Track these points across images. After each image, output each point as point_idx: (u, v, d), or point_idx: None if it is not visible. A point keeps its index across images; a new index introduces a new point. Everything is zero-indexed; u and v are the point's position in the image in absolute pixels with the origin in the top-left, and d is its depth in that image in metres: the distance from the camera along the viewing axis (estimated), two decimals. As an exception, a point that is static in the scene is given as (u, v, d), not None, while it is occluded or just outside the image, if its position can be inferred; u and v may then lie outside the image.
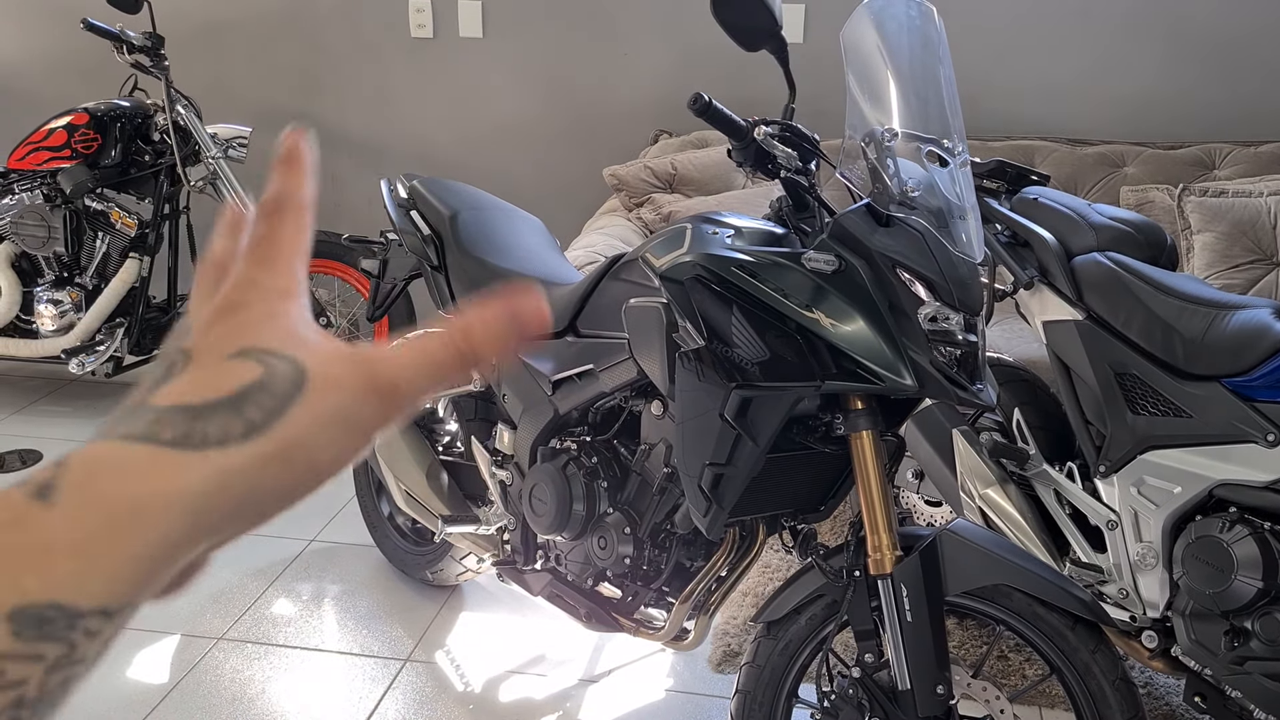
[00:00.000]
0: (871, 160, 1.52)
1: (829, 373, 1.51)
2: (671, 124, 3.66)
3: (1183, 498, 1.85)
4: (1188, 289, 1.95)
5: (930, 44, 1.63)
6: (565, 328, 1.98)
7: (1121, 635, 1.97)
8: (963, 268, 1.51)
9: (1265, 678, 1.73)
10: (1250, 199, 2.97)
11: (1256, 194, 2.98)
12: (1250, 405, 1.78)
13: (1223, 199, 2.99)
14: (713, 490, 1.63)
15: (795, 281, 1.53)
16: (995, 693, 1.59)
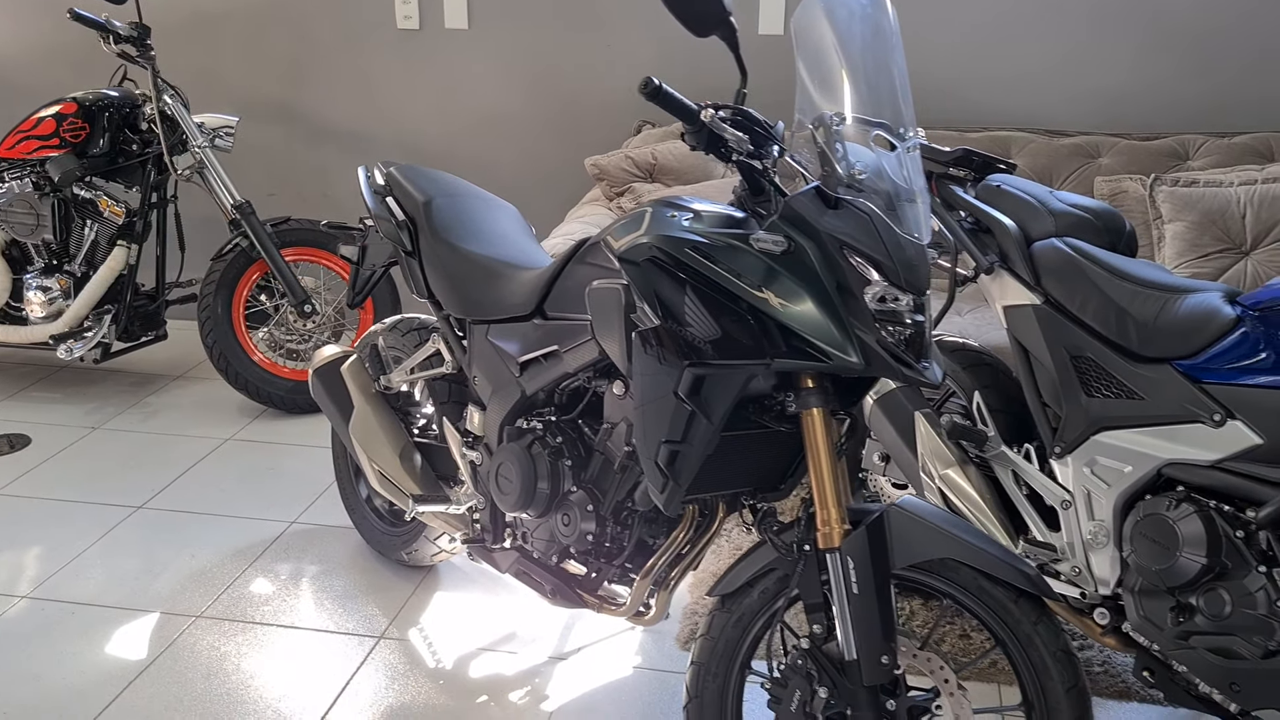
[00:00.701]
0: (820, 144, 1.56)
1: (779, 351, 1.55)
2: (654, 114, 3.70)
3: (1133, 477, 1.89)
4: (1143, 274, 1.99)
5: (881, 32, 1.66)
6: (533, 311, 2.02)
7: (1075, 612, 2.01)
8: (909, 249, 1.55)
9: (1209, 652, 1.77)
10: (1221, 189, 3.00)
11: (1227, 184, 3.02)
12: (1198, 387, 1.81)
13: (1193, 189, 3.02)
14: (669, 467, 1.67)
15: (747, 262, 1.56)
16: (940, 663, 1.63)
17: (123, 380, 3.81)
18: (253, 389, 3.48)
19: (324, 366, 2.45)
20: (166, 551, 2.66)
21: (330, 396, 2.42)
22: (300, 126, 4.08)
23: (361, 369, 2.41)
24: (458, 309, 2.17)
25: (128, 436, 3.35)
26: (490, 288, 2.13)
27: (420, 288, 2.26)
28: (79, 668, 2.21)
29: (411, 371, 2.34)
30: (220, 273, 3.44)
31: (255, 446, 3.30)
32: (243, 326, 3.50)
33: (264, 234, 3.39)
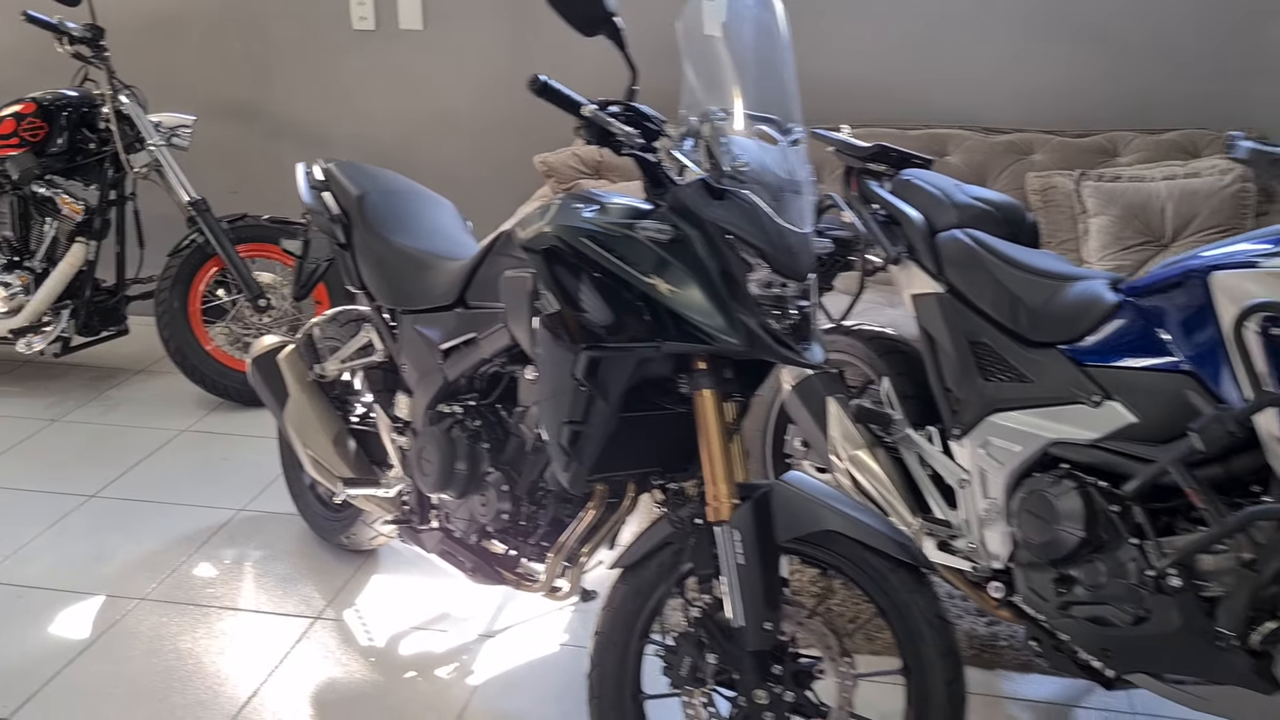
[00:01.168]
0: (705, 138, 1.65)
1: (668, 334, 1.64)
2: (604, 113, 3.78)
3: (1021, 456, 1.98)
4: (1036, 263, 2.08)
5: (768, 32, 1.75)
6: (456, 300, 2.11)
7: (972, 586, 2.10)
8: (791, 238, 1.64)
9: (1086, 620, 1.86)
10: (1144, 184, 3.10)
11: (1150, 179, 3.12)
12: (1081, 369, 1.90)
13: (1117, 184, 3.12)
14: (572, 446, 1.76)
15: (638, 251, 1.65)
16: (826, 630, 1.72)
17: (83, 374, 3.88)
18: (209, 382, 3.56)
19: (262, 356, 2.53)
20: (116, 538, 2.74)
21: (267, 385, 2.50)
22: (260, 125, 4.15)
23: (298, 358, 2.49)
24: (388, 299, 2.26)
25: (86, 429, 3.43)
26: (418, 279, 2.21)
27: (353, 279, 2.35)
28: (23, 647, 2.29)
29: (345, 360, 2.42)
30: (177, 268, 3.52)
31: (210, 438, 3.37)
32: (199, 321, 3.58)
33: (219, 230, 3.47)
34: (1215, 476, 1.69)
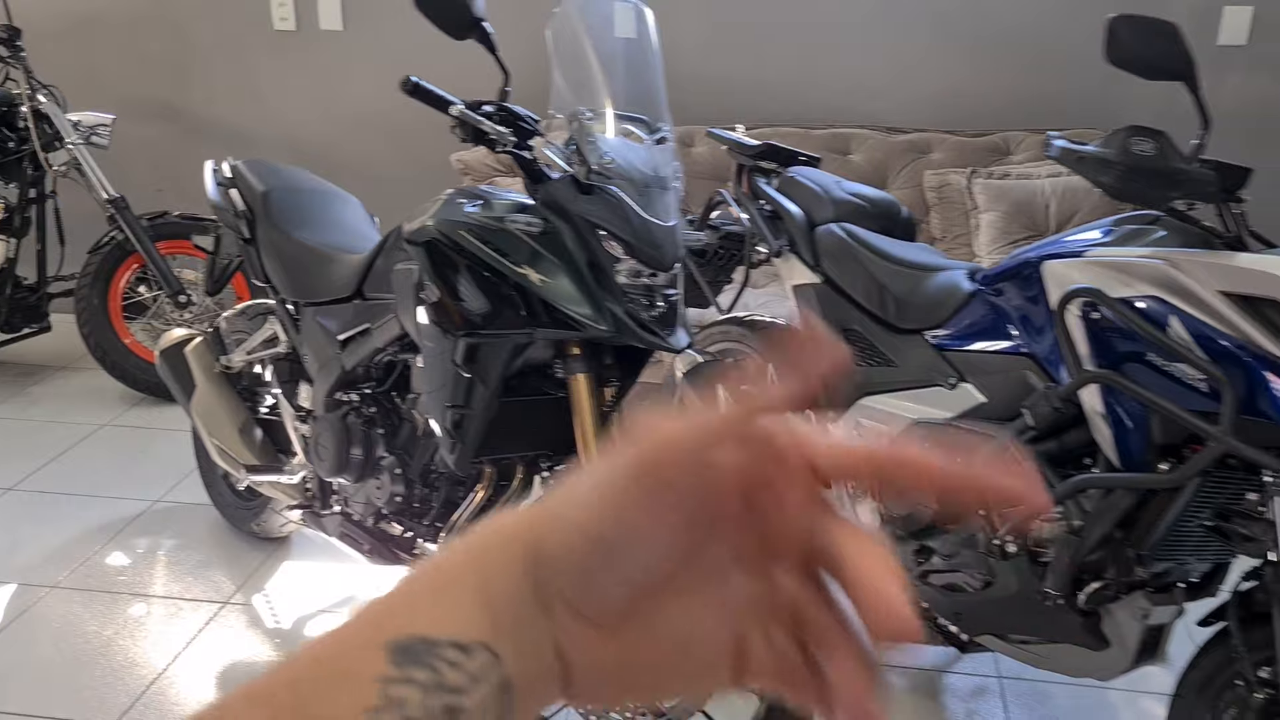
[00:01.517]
0: (574, 136, 1.75)
1: (541, 322, 1.74)
2: (523, 113, 3.88)
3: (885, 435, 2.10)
4: (905, 255, 2.21)
5: (638, 39, 1.86)
6: (354, 293, 2.19)
7: (847, 560, 2.23)
8: (656, 231, 1.75)
9: (942, 588, 1.99)
10: (1030, 181, 3.26)
11: (1036, 176, 3.27)
12: (940, 354, 2.04)
13: (1005, 181, 3.28)
14: (455, 430, 1.86)
15: (512, 243, 1.75)
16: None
17: (6, 371, 3.90)
18: (130, 378, 3.60)
19: (169, 348, 2.59)
20: (31, 529, 2.78)
21: (175, 376, 2.56)
22: (184, 125, 4.19)
23: (205, 350, 2.56)
24: (290, 292, 2.34)
25: (6, 424, 3.45)
26: (319, 273, 2.29)
27: (258, 273, 2.42)
28: (-68, 635, 2.34)
29: (251, 352, 2.49)
30: (97, 265, 3.56)
31: (130, 432, 3.42)
32: (120, 317, 3.62)
33: (138, 227, 3.51)
34: (1051, 451, 1.82)
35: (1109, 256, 1.70)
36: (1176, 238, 1.72)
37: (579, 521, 0.35)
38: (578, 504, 0.36)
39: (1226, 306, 1.56)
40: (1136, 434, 1.67)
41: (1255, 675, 1.58)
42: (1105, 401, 1.68)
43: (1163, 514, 1.66)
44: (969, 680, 2.26)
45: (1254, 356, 1.53)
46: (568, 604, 0.36)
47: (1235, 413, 1.51)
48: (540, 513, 0.37)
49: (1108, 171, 1.56)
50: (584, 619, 0.36)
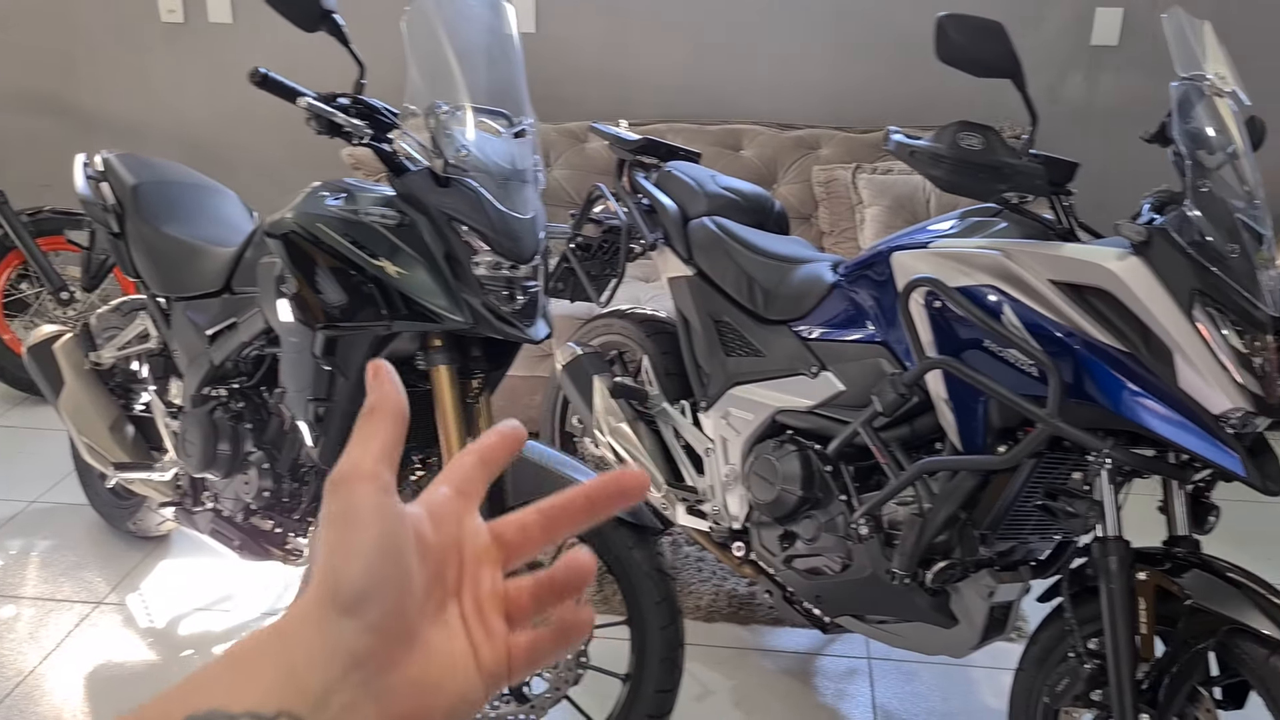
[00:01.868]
0: (431, 129, 1.76)
1: (399, 314, 1.75)
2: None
3: (754, 424, 2.15)
4: (773, 248, 2.26)
5: (498, 33, 1.87)
6: (223, 287, 2.17)
7: (718, 546, 2.27)
8: (514, 224, 1.76)
9: (805, 571, 2.04)
10: (912, 176, 3.34)
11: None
12: (804, 344, 2.09)
13: (888, 176, 3.36)
14: (319, 423, 1.85)
15: (369, 235, 1.76)
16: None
17: (-120, 372, 3.77)
18: (11, 376, 3.51)
19: (37, 345, 2.54)
20: (-103, 533, 2.71)
21: (43, 373, 2.51)
22: (72, 119, 4.09)
23: (74, 346, 2.51)
24: (159, 287, 2.30)
25: (-123, 426, 3.35)
26: (188, 267, 2.27)
27: (128, 268, 2.38)
28: None
29: (121, 348, 2.45)
30: (-26, 262, 3.46)
31: (10, 432, 3.34)
32: (0, 314, 3.52)
33: (18, 223, 3.42)
34: (903, 435, 1.89)
35: (951, 247, 1.77)
36: (1015, 229, 1.79)
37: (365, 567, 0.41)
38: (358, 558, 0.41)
39: (1056, 295, 1.63)
40: (976, 418, 1.73)
41: (1085, 647, 1.65)
42: (947, 387, 1.74)
43: (1001, 495, 1.72)
44: (839, 662, 2.32)
45: (1081, 343, 1.60)
46: (369, 627, 0.40)
47: (1061, 396, 1.58)
48: (325, 569, 0.41)
49: (938, 165, 1.62)
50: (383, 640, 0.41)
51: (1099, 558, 1.62)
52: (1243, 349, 1.55)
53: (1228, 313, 1.55)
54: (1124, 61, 3.64)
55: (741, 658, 2.32)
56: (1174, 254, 1.55)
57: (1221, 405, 1.52)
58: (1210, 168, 1.61)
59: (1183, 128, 1.63)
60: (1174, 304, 1.54)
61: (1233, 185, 1.62)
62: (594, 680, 1.85)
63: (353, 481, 0.41)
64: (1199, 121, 1.66)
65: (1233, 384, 1.52)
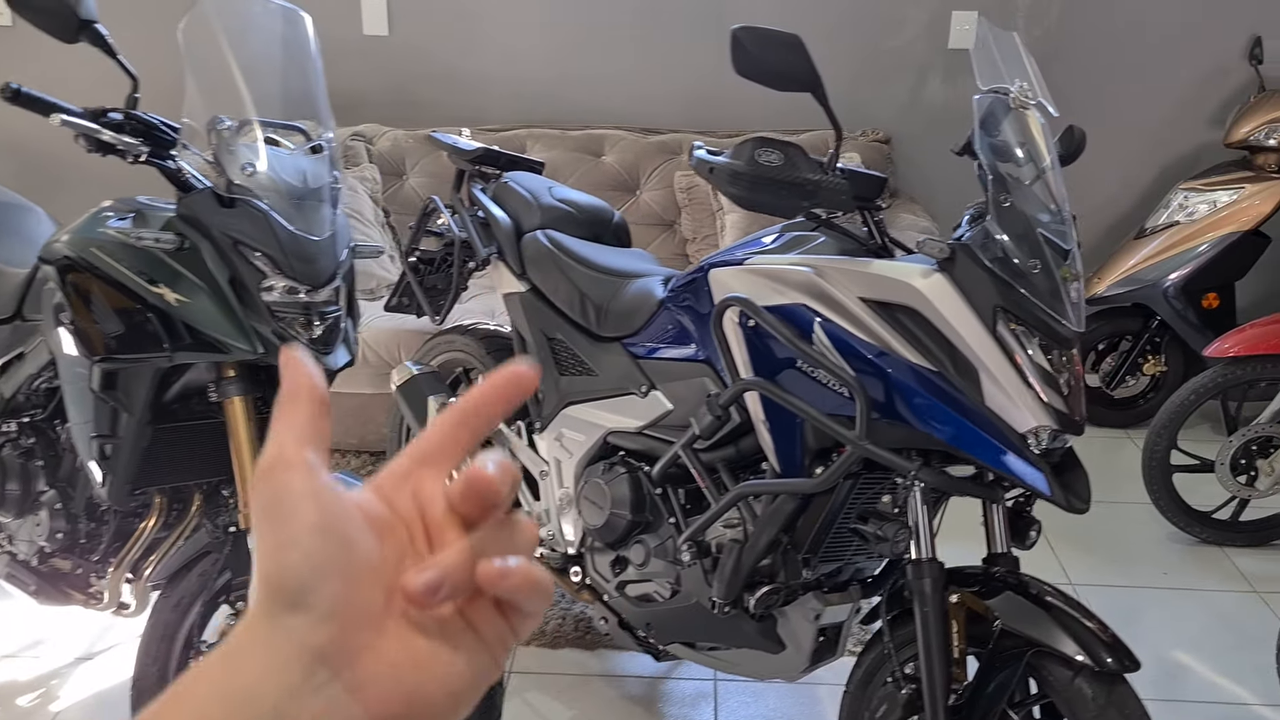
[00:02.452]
0: (213, 146, 1.65)
1: (182, 344, 1.63)
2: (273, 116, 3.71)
3: (586, 445, 2.08)
4: (609, 262, 2.19)
5: (295, 43, 1.77)
6: (13, 314, 2.02)
7: (557, 572, 2.20)
8: (307, 245, 1.66)
9: (635, 598, 1.98)
10: (771, 182, 3.31)
11: (777, 178, 3.33)
12: (635, 362, 2.02)
13: (747, 183, 3.32)
14: (104, 461, 1.72)
15: (149, 261, 1.64)
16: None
17: None
18: None
19: None
20: None
21: None
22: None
23: None
24: (-53, 314, 2.14)
25: None
26: (-23, 292, 2.10)
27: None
28: None
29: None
30: None
31: None
32: None
33: None
34: (729, 457, 1.83)
35: (765, 264, 1.72)
36: (832, 245, 1.75)
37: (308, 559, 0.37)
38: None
39: (866, 313, 1.59)
40: (793, 440, 1.69)
41: (902, 672, 1.62)
42: (764, 409, 1.69)
43: (818, 517, 1.68)
44: (686, 685, 2.27)
45: (892, 362, 1.57)
46: (324, 616, 0.36)
47: (868, 417, 1.54)
48: (262, 570, 0.37)
49: (736, 183, 1.57)
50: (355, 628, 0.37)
51: (913, 580, 1.58)
52: (1047, 366, 1.53)
53: (1032, 329, 1.53)
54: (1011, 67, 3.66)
55: (584, 685, 2.25)
56: (977, 270, 1.53)
57: (1026, 423, 1.50)
58: (1014, 181, 1.59)
59: (986, 141, 1.60)
60: (978, 321, 1.52)
61: (1039, 199, 1.61)
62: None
63: (277, 471, 0.38)
64: (1004, 135, 1.64)
65: (1037, 401, 1.50)
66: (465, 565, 0.39)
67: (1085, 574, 2.69)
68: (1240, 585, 2.67)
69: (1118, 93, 3.68)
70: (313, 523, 0.37)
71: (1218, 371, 2.67)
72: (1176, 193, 3.33)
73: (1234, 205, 3.20)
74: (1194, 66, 3.63)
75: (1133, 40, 3.63)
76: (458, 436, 0.42)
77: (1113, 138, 3.72)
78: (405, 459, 0.41)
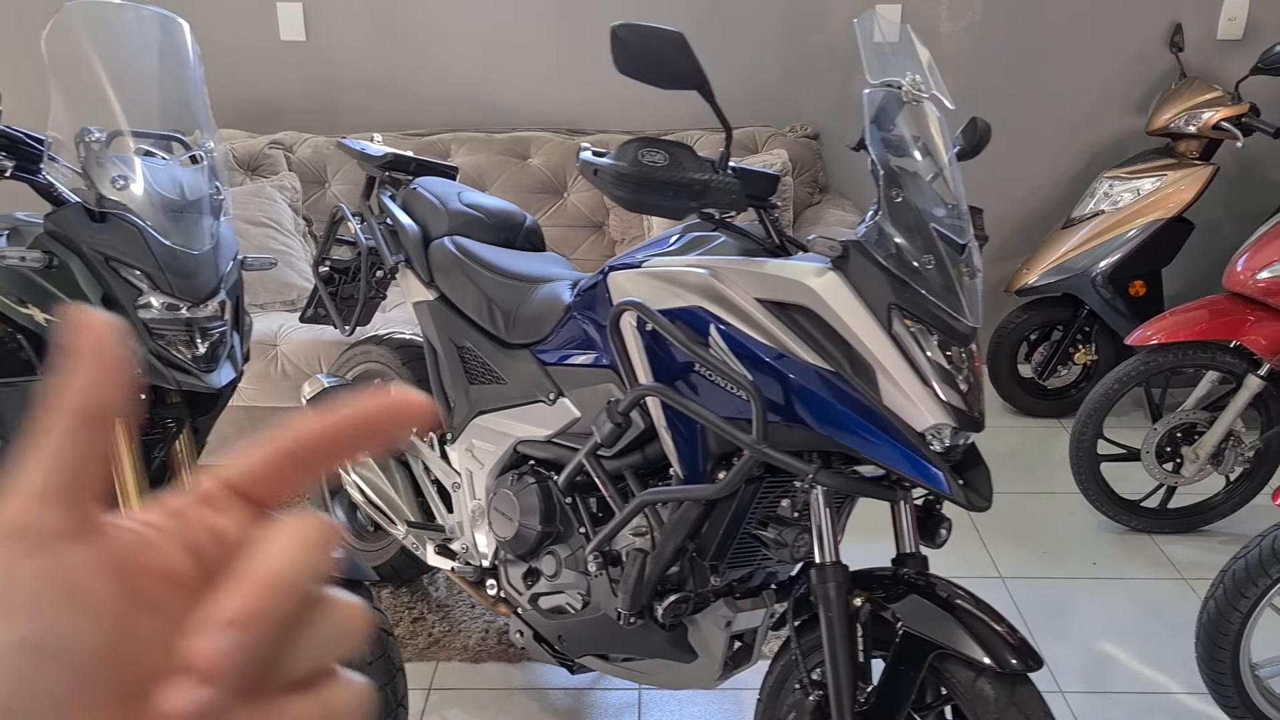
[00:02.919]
0: (81, 158, 1.58)
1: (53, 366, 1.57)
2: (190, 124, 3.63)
3: (497, 455, 2.04)
4: (518, 267, 2.14)
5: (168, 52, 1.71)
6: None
7: (472, 585, 2.15)
8: (186, 260, 1.60)
9: (547, 611, 1.94)
10: (698, 181, 3.28)
11: (704, 176, 3.30)
12: (544, 369, 1.98)
13: (673, 182, 3.28)
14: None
15: (14, 280, 1.57)
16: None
17: None
18: None
19: None
20: None
21: None
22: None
23: None
24: None
25: None
26: None
27: None
28: None
29: None
30: None
31: None
32: None
33: None
34: (637, 464, 1.79)
35: (662, 267, 1.68)
36: (732, 246, 1.71)
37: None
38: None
39: (763, 314, 1.56)
40: (695, 445, 1.65)
41: (809, 677, 1.59)
42: (665, 414, 1.66)
43: (722, 523, 1.65)
44: (611, 696, 2.23)
45: (789, 364, 1.53)
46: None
47: (764, 420, 1.50)
48: None
49: (621, 185, 1.53)
50: None
51: (817, 584, 1.55)
52: (944, 363, 1.50)
53: (928, 326, 1.50)
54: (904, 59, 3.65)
55: (506, 699, 2.20)
56: (870, 267, 1.50)
57: (924, 422, 1.47)
58: (907, 176, 1.56)
59: (879, 135, 1.57)
60: (872, 319, 1.49)
61: (934, 194, 1.58)
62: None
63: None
64: (899, 129, 1.62)
65: (934, 399, 1.47)
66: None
67: (1015, 567, 2.68)
68: (1169, 573, 2.68)
69: (1043, 83, 3.69)
70: (21, 637, 0.27)
71: (1140, 359, 2.67)
72: (1101, 182, 3.34)
73: (1157, 192, 3.21)
74: (1117, 55, 3.64)
75: (1056, 31, 3.63)
76: (286, 475, 0.33)
77: (1039, 128, 3.73)
78: (211, 483, 0.32)
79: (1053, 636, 2.41)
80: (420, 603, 2.50)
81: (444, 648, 2.34)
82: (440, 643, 2.35)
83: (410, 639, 2.36)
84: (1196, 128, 3.18)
